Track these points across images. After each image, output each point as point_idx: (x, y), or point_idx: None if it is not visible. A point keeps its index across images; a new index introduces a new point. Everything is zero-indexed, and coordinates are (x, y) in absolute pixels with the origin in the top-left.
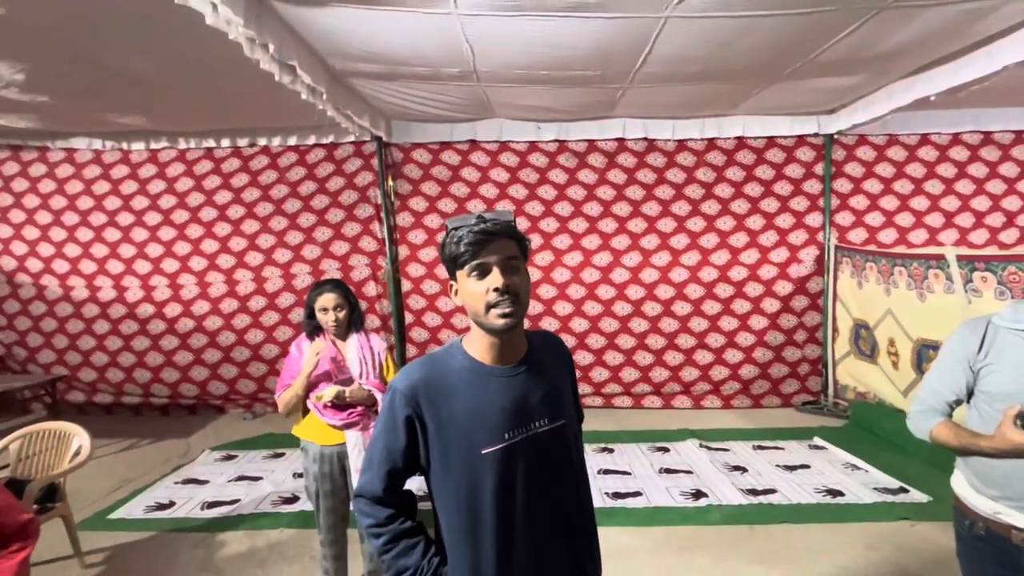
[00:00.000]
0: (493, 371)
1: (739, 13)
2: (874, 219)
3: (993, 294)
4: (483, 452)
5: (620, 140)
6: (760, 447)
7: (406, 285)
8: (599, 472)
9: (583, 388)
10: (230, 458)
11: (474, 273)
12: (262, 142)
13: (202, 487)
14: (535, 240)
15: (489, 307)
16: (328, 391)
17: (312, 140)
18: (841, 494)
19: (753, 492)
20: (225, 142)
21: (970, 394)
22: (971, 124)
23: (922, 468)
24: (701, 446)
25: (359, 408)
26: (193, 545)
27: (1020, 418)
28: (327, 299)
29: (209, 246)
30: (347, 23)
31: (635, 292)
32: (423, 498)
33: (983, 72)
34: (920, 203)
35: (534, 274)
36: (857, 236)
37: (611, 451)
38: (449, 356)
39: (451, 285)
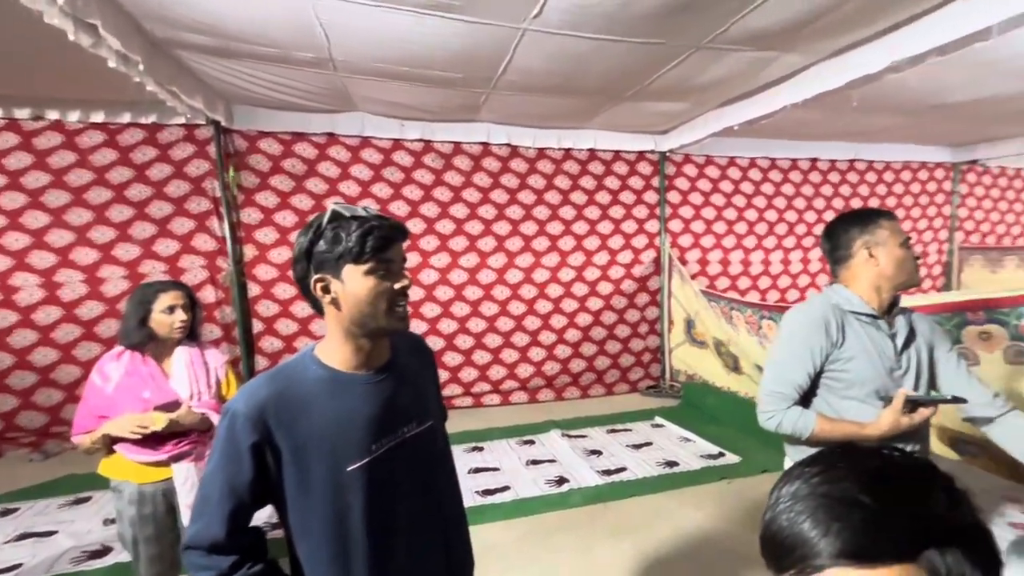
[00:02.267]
0: (356, 378)
1: (590, 35)
2: (698, 226)
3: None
4: (349, 469)
5: (485, 144)
6: (613, 430)
7: (254, 289)
8: (470, 471)
9: (453, 389)
10: (8, 513)
11: (378, 272)
12: (52, 115)
13: None
14: None
15: (392, 307)
16: (156, 418)
17: (127, 118)
18: (676, 464)
19: (607, 472)
20: None
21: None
22: (763, 151)
23: (733, 434)
24: (563, 435)
25: (191, 435)
26: None
27: (909, 402)
28: (174, 295)
29: None
30: None
31: (501, 292)
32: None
33: (768, 110)
34: (730, 213)
35: None
36: (685, 240)
37: (481, 449)
38: (301, 367)
39: (320, 281)
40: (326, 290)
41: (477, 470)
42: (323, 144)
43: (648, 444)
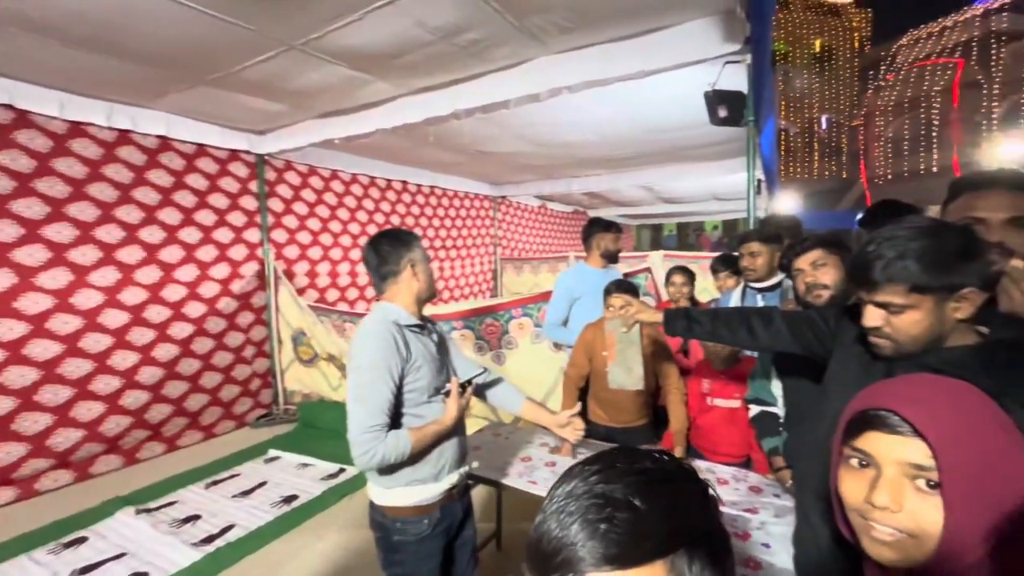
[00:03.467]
0: None
1: None
2: (304, 237)
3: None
4: None
5: None
6: (215, 483)
7: None
8: None
9: None
10: None
11: None
12: None
13: None
14: None
15: None
16: None
17: None
18: (296, 497)
19: (209, 540)
20: None
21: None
22: (365, 168)
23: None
24: (138, 512)
25: None
26: None
27: (460, 386)
28: None
29: None
30: None
31: (9, 330)
32: None
33: (364, 130)
34: (336, 226)
35: None
36: (292, 252)
37: None
38: None
39: None
40: None
41: None
42: None
43: (261, 485)
